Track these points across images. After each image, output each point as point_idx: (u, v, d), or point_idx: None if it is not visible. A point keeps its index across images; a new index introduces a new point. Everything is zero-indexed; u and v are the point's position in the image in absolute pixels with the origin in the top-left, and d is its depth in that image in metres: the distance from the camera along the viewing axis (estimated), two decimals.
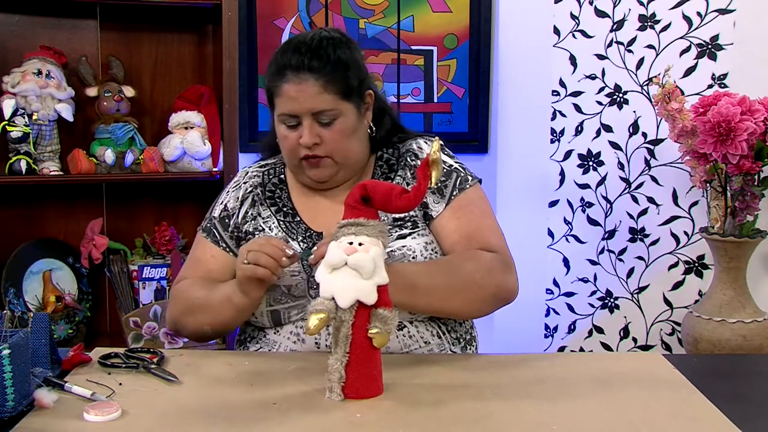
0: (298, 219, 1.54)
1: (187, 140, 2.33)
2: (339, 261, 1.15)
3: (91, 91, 2.33)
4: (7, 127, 2.17)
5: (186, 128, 2.37)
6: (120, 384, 1.26)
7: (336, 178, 1.52)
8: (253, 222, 1.55)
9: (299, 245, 1.49)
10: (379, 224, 1.20)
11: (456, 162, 1.57)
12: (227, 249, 1.56)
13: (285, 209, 1.55)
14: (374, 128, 1.56)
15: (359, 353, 1.17)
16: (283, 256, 1.34)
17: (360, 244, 1.16)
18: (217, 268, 1.55)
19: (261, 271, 1.34)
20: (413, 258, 1.45)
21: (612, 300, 2.68)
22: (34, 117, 2.20)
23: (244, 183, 1.60)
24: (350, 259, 1.15)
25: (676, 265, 2.57)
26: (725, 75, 2.44)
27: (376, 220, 1.20)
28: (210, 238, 1.58)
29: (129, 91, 2.37)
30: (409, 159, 1.56)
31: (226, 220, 1.57)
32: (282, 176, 1.61)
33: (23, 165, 2.18)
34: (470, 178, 1.55)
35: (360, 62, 1.52)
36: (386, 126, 1.59)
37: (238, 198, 1.58)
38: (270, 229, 1.53)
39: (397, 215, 1.48)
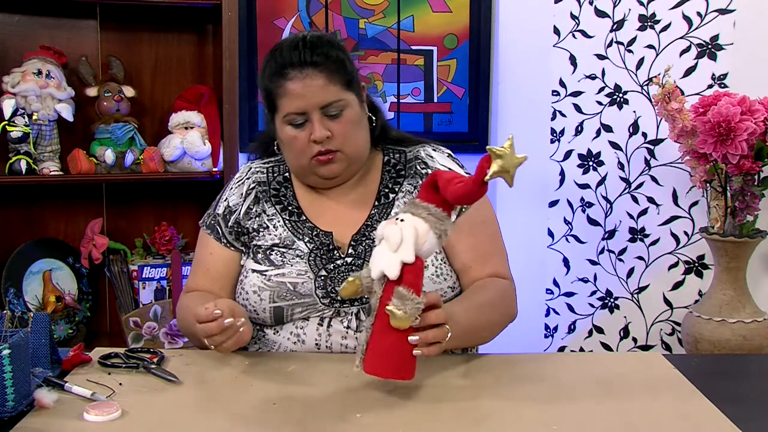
0: (304, 218, 1.53)
1: (187, 140, 2.33)
2: (378, 233, 1.18)
3: (91, 91, 2.33)
4: (7, 127, 2.17)
5: (186, 128, 2.37)
6: (120, 384, 1.26)
7: (344, 174, 1.52)
8: (257, 219, 1.54)
9: (306, 245, 1.49)
10: (433, 208, 1.17)
11: (466, 173, 1.58)
12: (228, 244, 1.56)
13: (291, 208, 1.55)
14: (374, 118, 1.57)
15: (381, 328, 1.15)
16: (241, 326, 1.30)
17: (401, 220, 1.16)
18: (214, 266, 1.56)
19: (229, 345, 1.30)
20: (426, 266, 1.45)
21: (612, 300, 2.68)
22: (34, 117, 2.20)
23: (247, 179, 1.60)
24: (380, 228, 1.17)
25: (676, 265, 2.57)
26: (725, 75, 2.44)
27: (436, 206, 1.17)
28: (213, 235, 1.58)
29: (129, 91, 2.36)
30: (418, 167, 1.56)
31: (228, 216, 1.57)
32: (287, 174, 1.60)
33: (23, 165, 2.18)
34: None
35: (350, 56, 1.54)
36: (380, 121, 1.60)
37: (241, 194, 1.58)
38: (275, 227, 1.52)
39: None
